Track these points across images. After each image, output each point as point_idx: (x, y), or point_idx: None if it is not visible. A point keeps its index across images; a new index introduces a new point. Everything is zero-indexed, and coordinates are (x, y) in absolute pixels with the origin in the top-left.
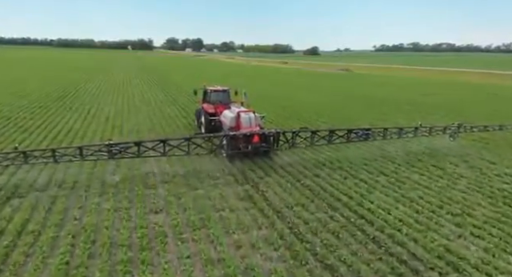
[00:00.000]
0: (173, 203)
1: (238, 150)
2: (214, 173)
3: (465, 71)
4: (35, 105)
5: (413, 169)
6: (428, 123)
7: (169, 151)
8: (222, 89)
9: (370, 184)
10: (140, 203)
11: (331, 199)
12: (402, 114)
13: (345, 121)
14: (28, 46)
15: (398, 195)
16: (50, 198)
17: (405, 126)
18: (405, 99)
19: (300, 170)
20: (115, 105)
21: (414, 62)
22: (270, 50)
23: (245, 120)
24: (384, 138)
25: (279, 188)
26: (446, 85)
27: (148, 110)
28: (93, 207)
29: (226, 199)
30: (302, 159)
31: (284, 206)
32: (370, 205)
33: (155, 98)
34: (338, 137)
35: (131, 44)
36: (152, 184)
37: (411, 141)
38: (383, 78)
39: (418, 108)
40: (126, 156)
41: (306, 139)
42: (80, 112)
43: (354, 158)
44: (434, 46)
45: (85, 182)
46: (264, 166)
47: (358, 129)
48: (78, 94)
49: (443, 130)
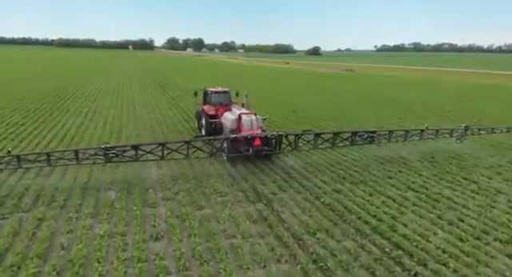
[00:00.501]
0: (175, 227)
1: (239, 153)
2: (222, 187)
3: (474, 72)
4: (30, 107)
5: (442, 182)
6: (434, 126)
7: (167, 155)
8: (222, 90)
9: (399, 202)
10: (138, 227)
11: (358, 222)
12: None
13: (360, 124)
14: (29, 46)
15: (434, 217)
16: (35, 221)
17: (411, 129)
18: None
19: (318, 184)
20: (114, 108)
21: (416, 62)
22: (271, 50)
23: (246, 122)
24: (389, 141)
25: (297, 208)
26: (454, 86)
27: (148, 113)
28: (84, 232)
29: (236, 222)
30: (318, 171)
31: (305, 232)
32: (405, 229)
33: (156, 100)
34: (342, 140)
35: (132, 44)
36: (152, 202)
37: (426, 144)
38: (389, 79)
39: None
40: (123, 160)
41: (309, 142)
42: (77, 116)
43: (376, 169)
44: (436, 46)
45: (77, 200)
46: (276, 177)
47: (363, 131)
48: (76, 96)
49: (450, 132)
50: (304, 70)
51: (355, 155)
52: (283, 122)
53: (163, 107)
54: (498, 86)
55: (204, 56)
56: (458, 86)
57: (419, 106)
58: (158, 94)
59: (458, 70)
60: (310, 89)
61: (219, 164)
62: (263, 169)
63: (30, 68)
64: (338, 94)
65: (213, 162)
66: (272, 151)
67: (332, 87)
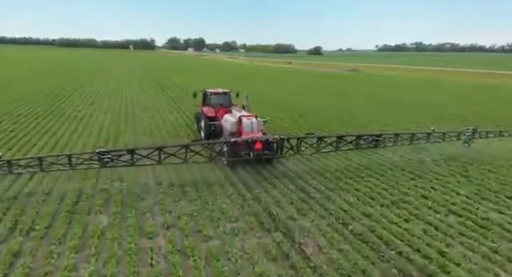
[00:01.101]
0: (177, 267)
1: (239, 158)
2: (231, 209)
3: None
4: (21, 112)
5: (486, 203)
6: (440, 128)
7: (165, 159)
8: (222, 91)
9: (442, 230)
10: (132, 267)
11: (400, 260)
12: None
13: (372, 128)
14: (30, 46)
15: (488, 250)
16: (9, 257)
17: (417, 132)
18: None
19: (343, 206)
20: (111, 111)
21: (418, 62)
22: (272, 49)
23: (247, 125)
24: (395, 145)
25: (322, 238)
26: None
27: (148, 117)
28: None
29: (251, 259)
30: (341, 189)
31: (337, 276)
32: (459, 270)
33: (156, 102)
34: (346, 143)
35: (133, 44)
36: (149, 231)
37: (445, 149)
38: (395, 79)
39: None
40: (118, 165)
41: (311, 146)
42: (71, 121)
43: (406, 186)
44: (438, 46)
45: (60, 229)
46: (292, 196)
47: (368, 135)
48: (73, 98)
49: (457, 135)
50: (306, 70)
51: (365, 161)
52: (291, 126)
53: (163, 110)
54: (500, 86)
55: (205, 56)
56: (460, 86)
57: (426, 107)
58: (158, 94)
59: (460, 70)
60: (314, 90)
61: (220, 170)
62: (276, 185)
63: (28, 68)
64: (344, 94)
65: (213, 167)
66: (273, 155)
67: (337, 88)
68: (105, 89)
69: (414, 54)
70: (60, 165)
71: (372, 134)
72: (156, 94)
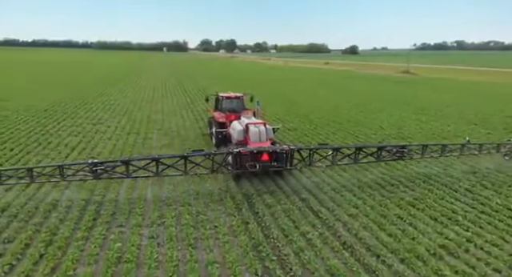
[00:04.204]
0: None
1: (244, 170)
2: None
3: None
4: (4, 136)
5: None
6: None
7: (162, 171)
8: (234, 95)
9: None
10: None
11: None
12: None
13: None
14: (66, 49)
15: None
16: None
17: (449, 143)
18: None
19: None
20: (119, 134)
21: (470, 62)
22: (304, 49)
23: (254, 134)
24: (422, 157)
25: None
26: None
27: (166, 146)
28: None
29: None
30: None
31: None
32: None
33: (179, 120)
34: (366, 155)
35: (167, 46)
36: None
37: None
38: (463, 84)
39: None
40: (113, 176)
41: (326, 158)
42: (60, 151)
43: None
44: (481, 45)
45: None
46: None
47: (391, 146)
48: (76, 114)
49: (496, 147)
50: (351, 72)
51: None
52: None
53: (187, 137)
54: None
55: (236, 57)
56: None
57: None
58: (185, 111)
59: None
60: (385, 100)
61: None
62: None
63: (45, 73)
64: (432, 109)
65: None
66: (282, 167)
67: (410, 97)
68: (120, 101)
69: (458, 53)
70: (50, 176)
71: (396, 144)
72: (182, 110)
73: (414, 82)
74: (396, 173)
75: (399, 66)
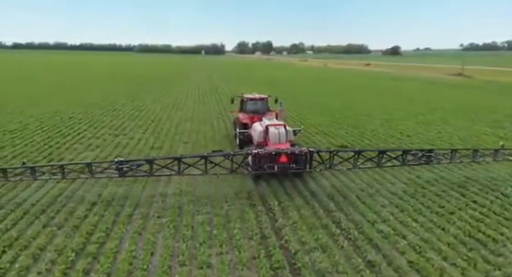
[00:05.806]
0: None
1: (262, 171)
2: None
3: None
4: (17, 149)
5: None
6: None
7: (184, 170)
8: (259, 97)
9: None
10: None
11: None
12: None
13: None
14: (109, 52)
15: None
16: None
17: (481, 148)
18: None
19: None
20: (138, 153)
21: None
22: (342, 50)
23: (273, 135)
24: (451, 162)
25: None
26: None
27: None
28: None
29: None
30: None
31: None
32: None
33: (207, 132)
34: (389, 159)
35: (205, 49)
36: None
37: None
38: None
39: None
40: (137, 174)
41: (347, 161)
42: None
43: None
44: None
45: None
46: None
47: (417, 150)
48: (99, 125)
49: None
50: (398, 75)
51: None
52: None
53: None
54: None
55: (273, 59)
56: None
57: None
58: (216, 115)
59: None
60: (438, 107)
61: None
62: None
63: (61, 80)
64: (478, 113)
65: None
66: (301, 169)
67: (469, 103)
68: (150, 107)
69: (510, 54)
70: (80, 173)
71: (420, 148)
72: (213, 116)
73: (472, 87)
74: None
75: (449, 68)
